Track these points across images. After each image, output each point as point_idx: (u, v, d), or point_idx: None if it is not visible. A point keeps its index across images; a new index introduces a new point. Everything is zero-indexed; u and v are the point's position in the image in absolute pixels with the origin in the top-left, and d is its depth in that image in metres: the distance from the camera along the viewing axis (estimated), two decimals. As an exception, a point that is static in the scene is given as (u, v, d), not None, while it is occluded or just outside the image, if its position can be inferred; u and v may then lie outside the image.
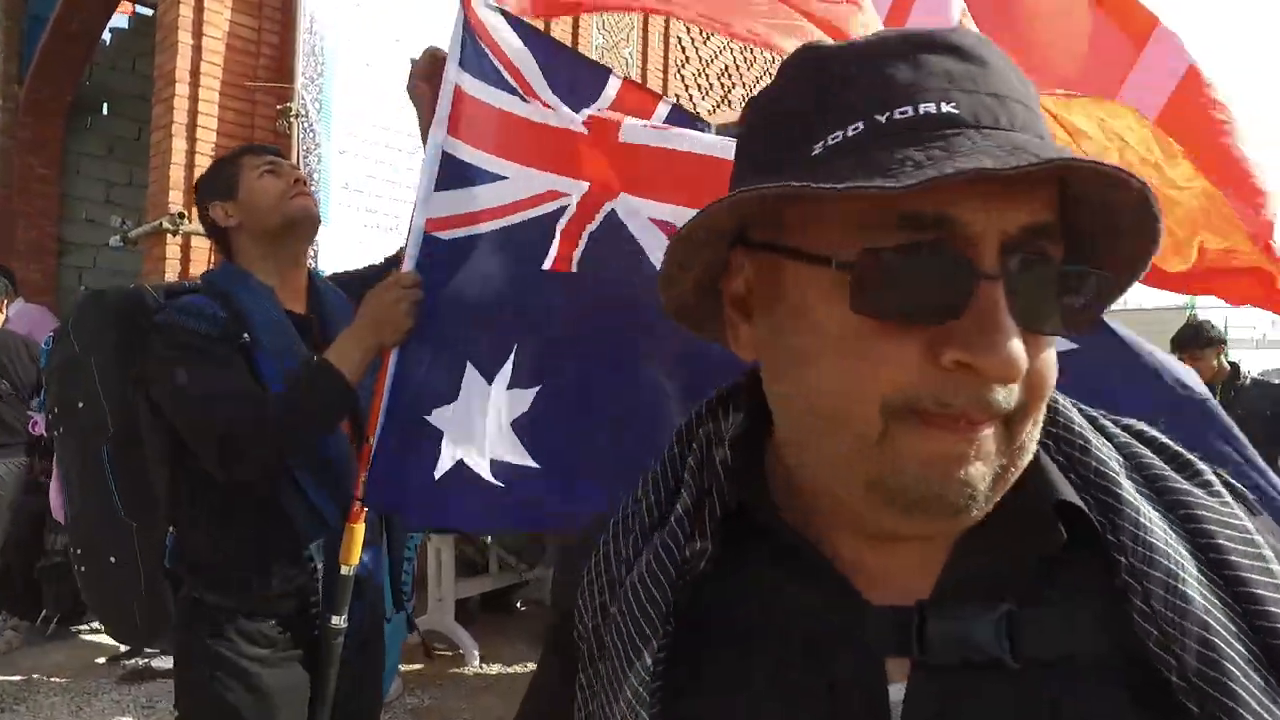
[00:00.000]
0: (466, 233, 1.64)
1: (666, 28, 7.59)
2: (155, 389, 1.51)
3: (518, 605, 5.24)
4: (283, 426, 1.44)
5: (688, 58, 7.77)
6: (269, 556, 1.50)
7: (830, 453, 0.44)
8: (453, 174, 1.61)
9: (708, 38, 7.93)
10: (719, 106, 8.41)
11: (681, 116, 1.64)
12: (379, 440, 1.55)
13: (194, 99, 4.71)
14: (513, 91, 1.63)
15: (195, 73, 4.71)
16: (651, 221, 1.58)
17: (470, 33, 1.62)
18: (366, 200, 4.86)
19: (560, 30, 6.48)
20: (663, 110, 1.63)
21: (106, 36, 7.34)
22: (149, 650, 3.93)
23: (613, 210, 1.59)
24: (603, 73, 1.66)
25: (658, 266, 1.70)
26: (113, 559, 1.66)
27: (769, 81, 0.50)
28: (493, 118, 1.64)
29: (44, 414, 2.64)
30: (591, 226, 1.60)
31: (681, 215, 1.57)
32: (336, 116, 4.84)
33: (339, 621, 1.49)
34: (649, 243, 1.57)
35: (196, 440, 1.46)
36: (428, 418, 1.67)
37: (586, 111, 1.60)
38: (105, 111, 7.53)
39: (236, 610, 1.50)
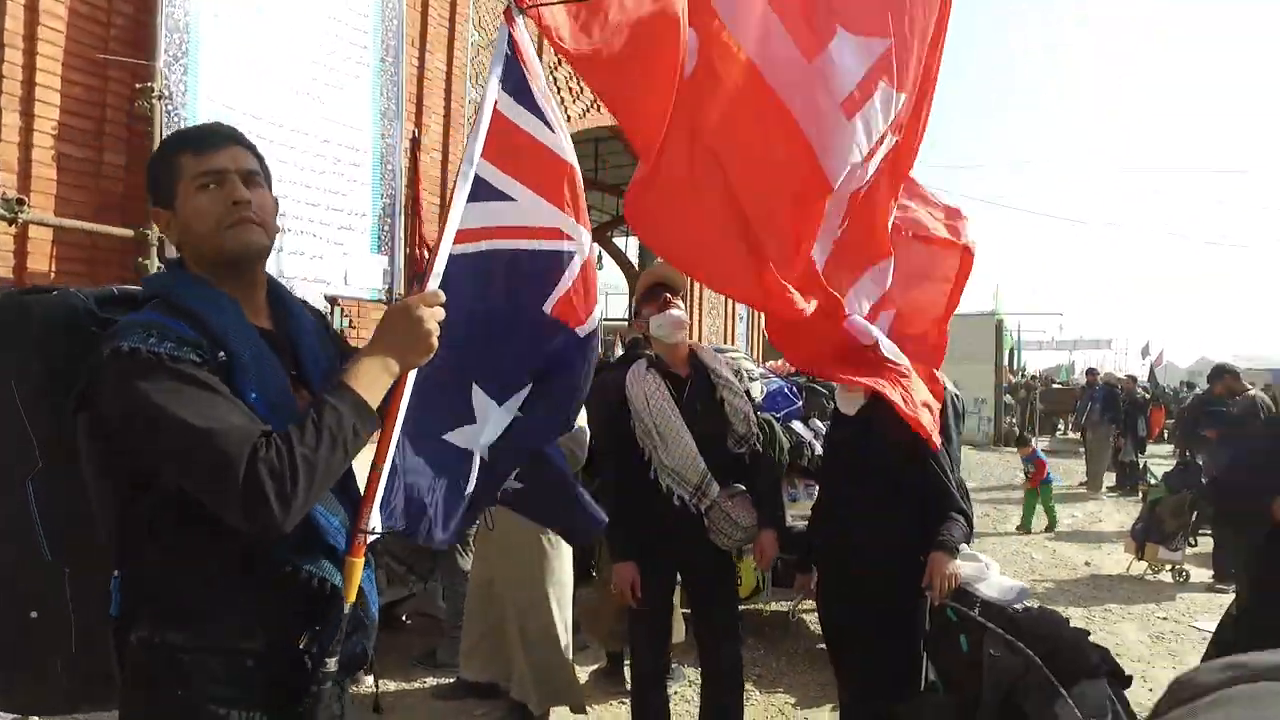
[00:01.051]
0: (475, 248, 1.63)
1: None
2: (131, 431, 1.25)
3: (404, 619, 5.04)
4: (312, 465, 1.23)
5: (559, 61, 7.76)
6: (250, 587, 1.33)
7: None
8: (477, 189, 1.58)
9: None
10: (589, 110, 8.47)
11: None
12: (393, 465, 1.48)
13: (29, 68, 4.12)
14: (541, 117, 1.65)
15: (30, 38, 4.12)
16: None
17: (512, 49, 1.61)
18: (241, 192, 4.48)
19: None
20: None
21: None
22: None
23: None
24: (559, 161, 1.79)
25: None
26: (34, 613, 1.44)
27: None
28: (514, 137, 1.64)
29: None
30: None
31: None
32: (203, 101, 4.43)
33: (333, 664, 1.36)
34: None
35: (211, 487, 1.22)
36: (447, 438, 1.63)
37: None
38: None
39: (204, 650, 1.32)
